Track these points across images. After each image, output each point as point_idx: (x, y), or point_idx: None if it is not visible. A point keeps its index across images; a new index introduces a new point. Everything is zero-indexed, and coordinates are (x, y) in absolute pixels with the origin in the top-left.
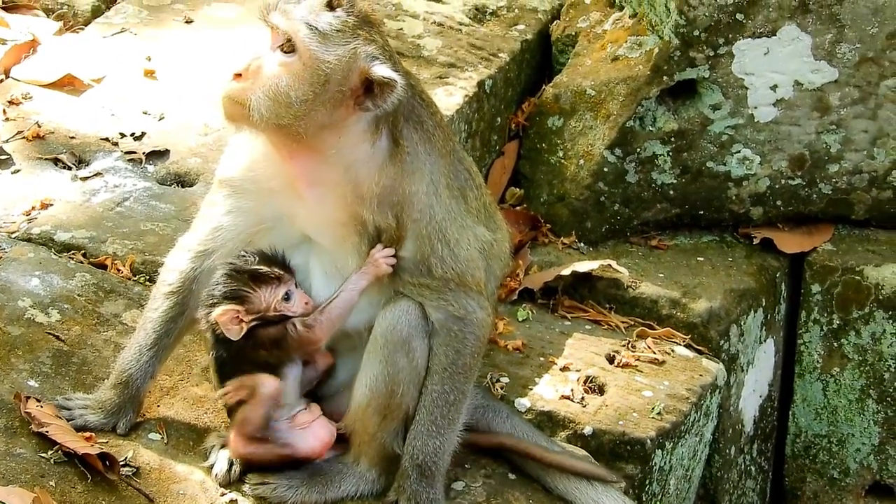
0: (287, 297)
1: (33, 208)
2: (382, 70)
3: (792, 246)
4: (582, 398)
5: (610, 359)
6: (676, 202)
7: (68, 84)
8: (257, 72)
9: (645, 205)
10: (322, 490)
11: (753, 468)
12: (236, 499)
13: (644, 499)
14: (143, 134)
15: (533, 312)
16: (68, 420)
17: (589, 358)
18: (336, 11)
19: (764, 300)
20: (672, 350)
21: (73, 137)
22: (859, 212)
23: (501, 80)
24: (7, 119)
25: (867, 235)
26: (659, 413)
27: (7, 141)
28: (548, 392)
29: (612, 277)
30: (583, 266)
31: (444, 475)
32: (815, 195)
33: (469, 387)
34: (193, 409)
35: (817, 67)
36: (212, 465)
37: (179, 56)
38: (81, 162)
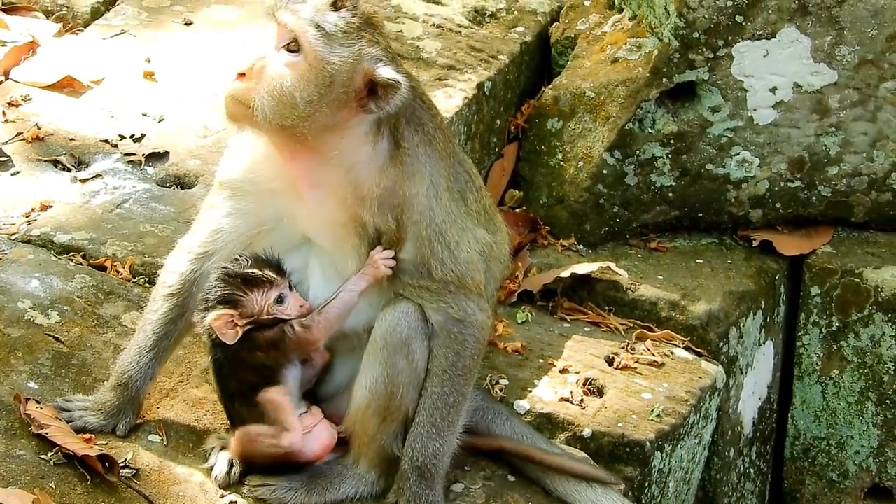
0: (280, 301)
1: (33, 210)
2: (387, 72)
3: (791, 248)
4: (581, 400)
5: (609, 361)
6: (676, 204)
7: (68, 86)
8: (261, 72)
9: (644, 207)
10: (322, 492)
11: (752, 470)
12: (236, 500)
13: (643, 501)
14: (143, 136)
15: (532, 314)
16: (68, 422)
17: (588, 360)
18: (341, 12)
19: (763, 302)
20: (671, 352)
21: (73, 139)
22: (859, 214)
23: (501, 83)
24: (7, 121)
25: (866, 238)
26: (658, 415)
27: (7, 143)
28: (547, 394)
29: (612, 279)
30: (582, 268)
31: (444, 477)
32: (815, 197)
33: (469, 389)
34: (193, 411)
35: (817, 70)
36: (211, 467)
37: (179, 58)
38: (81, 164)
